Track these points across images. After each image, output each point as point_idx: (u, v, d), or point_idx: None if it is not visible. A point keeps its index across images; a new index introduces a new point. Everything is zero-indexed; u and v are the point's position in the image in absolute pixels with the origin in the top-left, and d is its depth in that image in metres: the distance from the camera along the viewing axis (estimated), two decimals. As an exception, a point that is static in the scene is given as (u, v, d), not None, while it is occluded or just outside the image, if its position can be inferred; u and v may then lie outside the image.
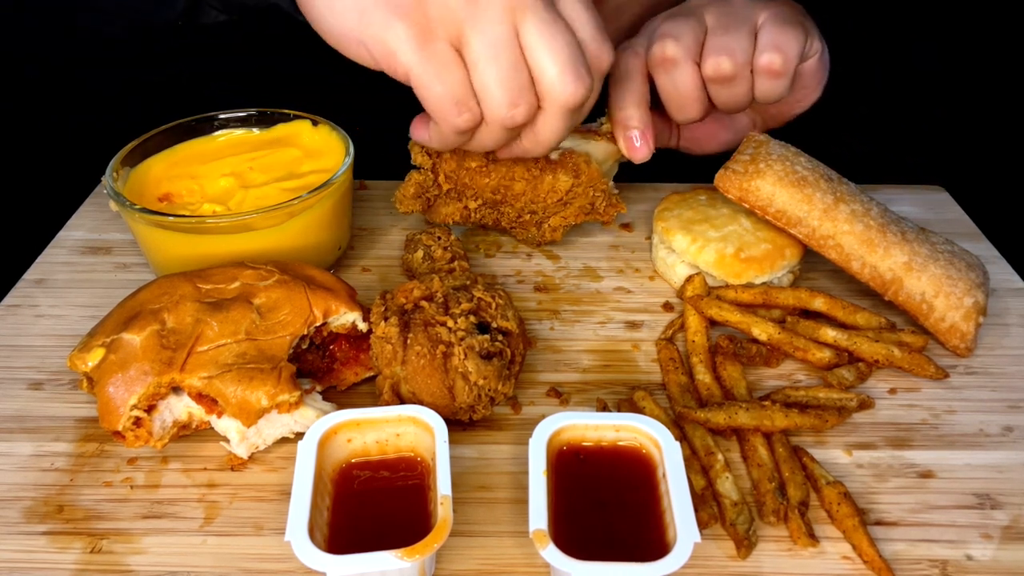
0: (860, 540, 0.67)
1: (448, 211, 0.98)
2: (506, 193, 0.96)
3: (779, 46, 0.87)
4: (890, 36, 1.33)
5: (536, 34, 0.73)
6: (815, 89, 0.98)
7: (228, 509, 0.71)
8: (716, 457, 0.73)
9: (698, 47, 0.90)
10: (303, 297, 0.77)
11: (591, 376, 0.85)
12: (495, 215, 0.99)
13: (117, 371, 0.71)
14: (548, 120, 0.79)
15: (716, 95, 0.92)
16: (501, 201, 0.97)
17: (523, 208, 0.98)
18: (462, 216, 0.99)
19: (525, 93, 0.75)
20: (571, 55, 0.74)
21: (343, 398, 0.81)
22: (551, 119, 0.79)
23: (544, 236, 1.00)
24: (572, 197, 0.97)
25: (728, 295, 0.90)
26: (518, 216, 0.99)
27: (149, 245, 0.92)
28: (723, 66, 0.88)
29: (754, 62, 0.88)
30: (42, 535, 0.69)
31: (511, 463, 0.75)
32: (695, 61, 0.90)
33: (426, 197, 0.98)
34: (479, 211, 0.99)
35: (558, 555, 0.59)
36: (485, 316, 0.78)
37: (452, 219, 0.99)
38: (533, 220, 0.99)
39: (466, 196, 0.97)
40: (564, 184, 0.95)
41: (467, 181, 0.96)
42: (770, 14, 0.90)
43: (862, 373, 0.83)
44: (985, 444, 0.77)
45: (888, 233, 0.88)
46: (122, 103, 1.27)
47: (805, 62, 0.92)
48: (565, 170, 0.95)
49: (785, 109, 0.99)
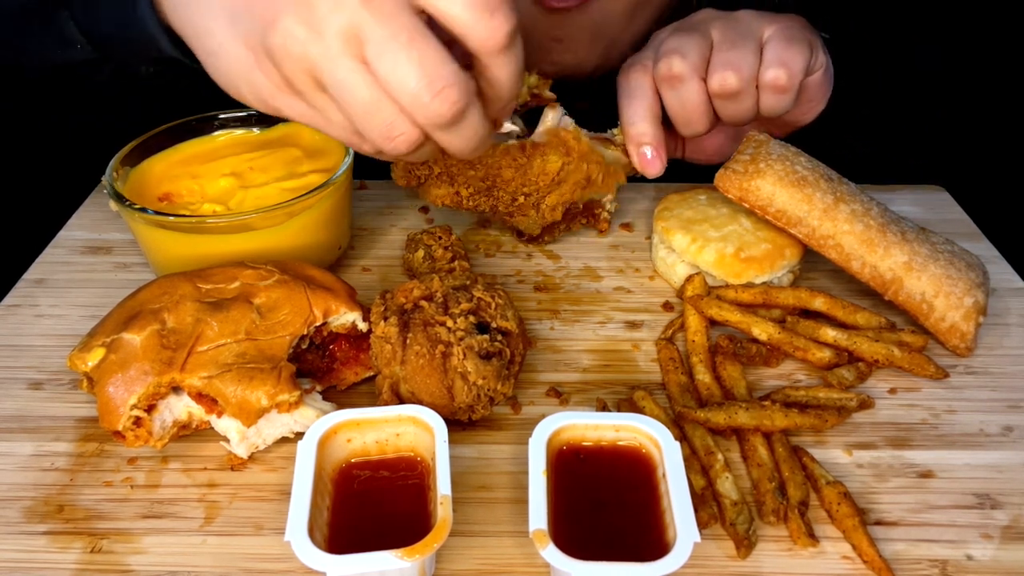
0: (860, 540, 0.67)
1: (439, 193, 0.98)
2: (496, 180, 0.96)
3: (784, 62, 0.88)
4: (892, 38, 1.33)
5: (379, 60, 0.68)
6: (820, 102, 0.98)
7: (228, 509, 0.71)
8: (716, 457, 0.73)
9: (704, 63, 0.90)
10: (303, 297, 0.78)
11: (591, 376, 0.85)
12: (491, 201, 0.98)
13: (117, 371, 0.71)
14: (441, 137, 0.74)
15: (722, 109, 0.92)
16: (493, 186, 0.97)
17: (516, 191, 0.97)
18: (453, 201, 0.98)
19: (398, 120, 0.70)
20: (427, 71, 0.68)
21: (343, 398, 0.81)
22: (441, 136, 0.74)
23: (544, 217, 0.98)
24: (565, 175, 0.96)
25: (728, 295, 0.90)
26: (512, 199, 0.97)
27: (149, 245, 0.92)
28: (729, 82, 0.88)
29: (759, 77, 0.89)
30: (42, 535, 0.69)
31: (511, 463, 0.75)
32: (701, 77, 0.90)
33: (416, 175, 0.98)
34: (472, 198, 0.98)
35: (558, 555, 0.59)
36: (485, 316, 0.78)
37: (443, 201, 0.98)
38: (530, 202, 0.97)
39: (457, 182, 0.97)
40: (554, 165, 0.95)
41: (455, 172, 0.96)
42: (776, 29, 0.90)
43: (862, 373, 0.83)
44: (985, 444, 0.77)
45: (888, 233, 0.88)
46: (122, 103, 1.27)
47: (810, 76, 0.93)
48: (554, 151, 0.95)
49: (790, 120, 1.00)
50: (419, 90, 0.67)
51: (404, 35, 0.66)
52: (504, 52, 0.70)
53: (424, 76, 0.66)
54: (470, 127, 0.72)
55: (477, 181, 0.96)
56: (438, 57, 0.67)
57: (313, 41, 0.66)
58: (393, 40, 0.66)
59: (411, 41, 0.66)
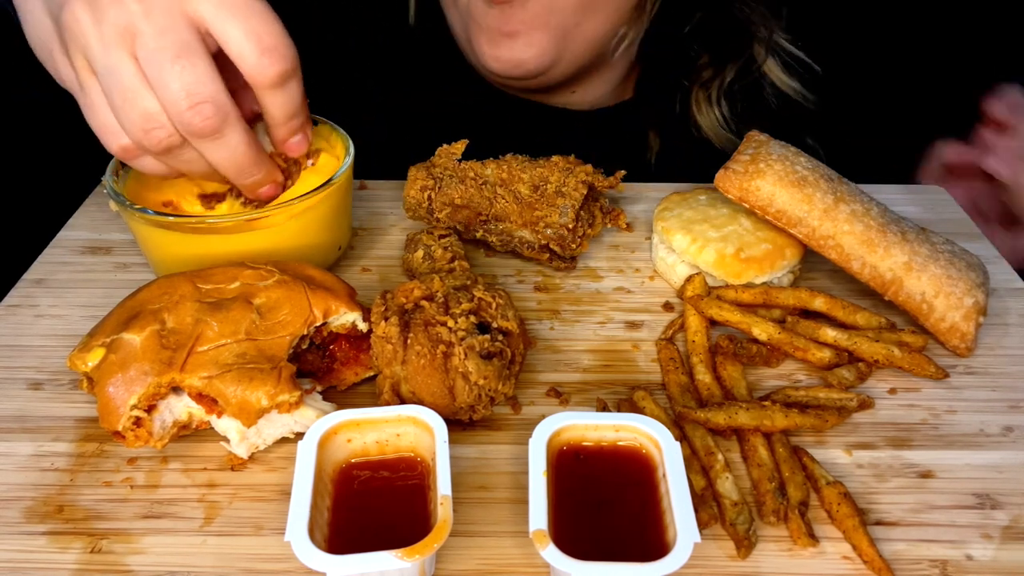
0: (860, 540, 0.67)
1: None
2: (500, 215, 0.98)
3: None
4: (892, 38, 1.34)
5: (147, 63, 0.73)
6: None
7: (228, 509, 0.71)
8: (716, 457, 0.73)
9: None
10: (303, 297, 0.77)
11: (591, 376, 0.85)
12: (503, 238, 1.00)
13: (117, 371, 0.71)
14: (201, 147, 0.78)
15: None
16: (498, 219, 0.98)
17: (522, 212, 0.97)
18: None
19: (157, 113, 0.74)
20: (187, 84, 0.72)
21: (343, 398, 0.81)
22: (201, 146, 0.78)
23: (572, 197, 0.95)
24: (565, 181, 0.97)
25: (728, 295, 0.90)
26: (520, 213, 0.97)
27: (149, 245, 0.92)
28: None
29: None
30: (42, 535, 0.69)
31: (511, 463, 0.75)
32: None
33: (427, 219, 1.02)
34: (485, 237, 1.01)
35: (558, 555, 0.59)
36: (485, 316, 0.78)
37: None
38: (545, 207, 0.96)
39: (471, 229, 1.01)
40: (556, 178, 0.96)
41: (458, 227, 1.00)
42: None
43: (862, 373, 0.83)
44: (985, 444, 0.77)
45: (888, 233, 0.88)
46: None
47: None
48: (558, 169, 0.96)
49: None
50: (177, 98, 0.72)
51: (173, 49, 0.71)
52: (274, 88, 0.77)
53: (184, 88, 0.72)
54: (228, 146, 0.77)
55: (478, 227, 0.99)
56: (203, 75, 0.72)
57: (92, 26, 0.72)
58: (163, 51, 0.71)
59: (178, 56, 0.71)
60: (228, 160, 0.79)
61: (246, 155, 0.80)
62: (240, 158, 0.79)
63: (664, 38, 1.26)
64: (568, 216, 0.94)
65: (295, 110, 0.81)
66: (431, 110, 1.28)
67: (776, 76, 1.27)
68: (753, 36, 1.25)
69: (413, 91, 1.32)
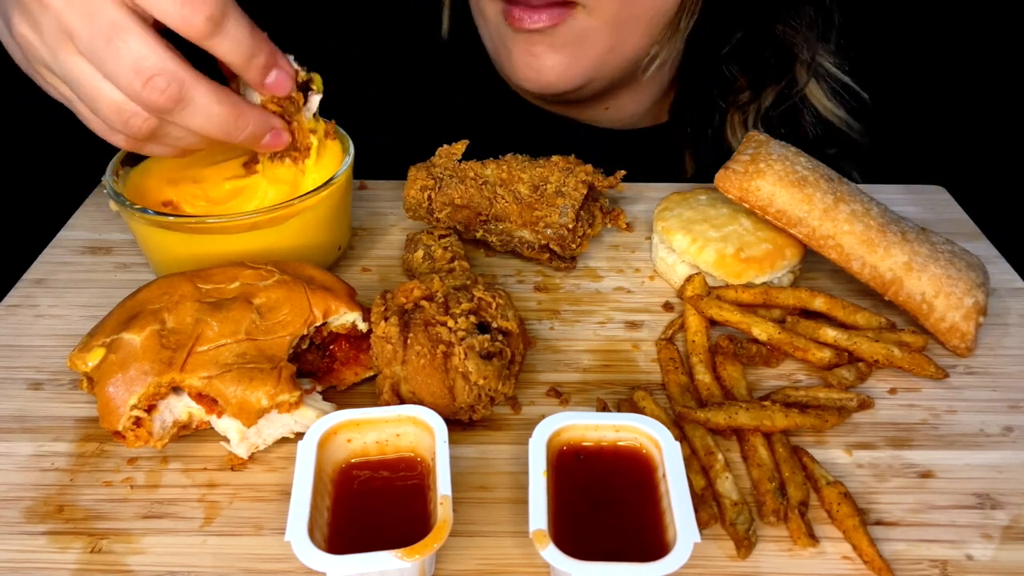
0: (860, 540, 0.67)
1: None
2: (500, 215, 0.97)
3: None
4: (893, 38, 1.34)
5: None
6: None
7: (228, 509, 0.71)
8: (716, 457, 0.73)
9: None
10: (303, 297, 0.77)
11: (591, 376, 0.85)
12: (503, 238, 1.00)
13: (117, 371, 0.71)
14: (178, 119, 0.76)
15: None
16: (499, 219, 0.98)
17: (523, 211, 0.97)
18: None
19: (125, 103, 0.73)
20: (132, 64, 0.71)
21: (343, 398, 0.81)
22: (177, 118, 0.75)
23: (572, 197, 0.96)
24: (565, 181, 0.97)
25: (728, 295, 0.90)
26: (520, 213, 0.97)
27: (149, 245, 0.92)
28: None
29: None
30: (42, 535, 0.68)
31: (511, 463, 0.75)
32: None
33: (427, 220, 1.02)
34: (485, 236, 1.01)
35: (558, 555, 0.59)
36: (485, 316, 0.78)
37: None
38: (545, 207, 0.96)
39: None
40: (556, 178, 0.96)
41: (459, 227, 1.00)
42: None
43: (862, 373, 0.83)
44: (985, 444, 0.77)
45: (888, 233, 0.88)
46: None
47: None
48: (558, 168, 0.96)
49: None
50: (128, 80, 0.70)
51: (103, 32, 0.69)
52: (213, 36, 0.73)
53: (130, 69, 0.70)
54: (200, 110, 0.74)
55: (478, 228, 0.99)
56: (142, 48, 0.70)
57: (35, 38, 0.72)
58: (96, 38, 0.69)
59: (112, 38, 0.69)
60: (208, 123, 0.76)
61: (222, 113, 0.76)
62: (217, 117, 0.76)
63: (702, 58, 1.22)
64: (568, 216, 0.94)
65: (250, 49, 0.76)
66: (457, 120, 1.25)
67: (819, 101, 1.23)
68: (795, 58, 1.20)
69: (442, 101, 1.29)
